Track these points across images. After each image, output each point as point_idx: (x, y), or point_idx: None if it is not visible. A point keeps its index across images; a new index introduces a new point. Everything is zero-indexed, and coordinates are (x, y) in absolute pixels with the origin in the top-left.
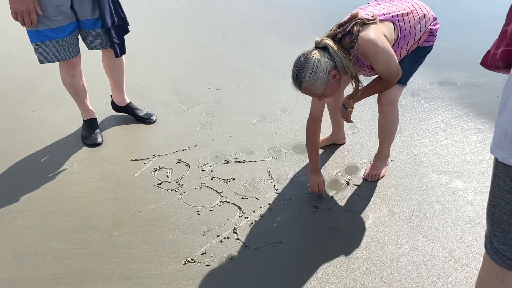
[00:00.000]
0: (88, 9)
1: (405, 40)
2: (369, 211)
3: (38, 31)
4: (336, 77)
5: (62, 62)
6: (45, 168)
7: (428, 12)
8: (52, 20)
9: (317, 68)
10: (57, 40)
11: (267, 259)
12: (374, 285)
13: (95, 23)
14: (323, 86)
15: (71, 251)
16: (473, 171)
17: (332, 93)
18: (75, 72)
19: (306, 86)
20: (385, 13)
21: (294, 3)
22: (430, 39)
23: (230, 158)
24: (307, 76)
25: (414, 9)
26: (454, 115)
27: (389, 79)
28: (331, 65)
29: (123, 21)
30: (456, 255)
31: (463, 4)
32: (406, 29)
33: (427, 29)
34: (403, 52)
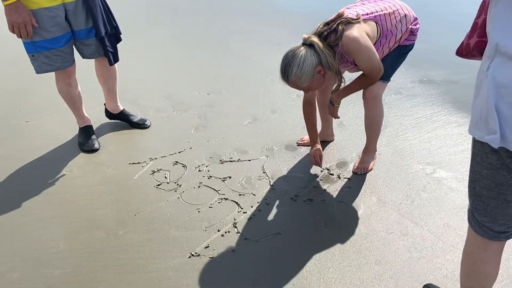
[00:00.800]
0: (82, 19)
1: (386, 38)
2: (360, 202)
3: (35, 42)
4: (321, 72)
5: (58, 72)
6: (44, 174)
7: (409, 12)
8: (48, 31)
9: (303, 64)
10: (53, 50)
11: (268, 250)
12: (369, 267)
13: (89, 32)
14: (309, 80)
15: (78, 250)
16: (455, 161)
17: (317, 87)
18: (71, 81)
19: (292, 80)
20: (368, 13)
21: (275, 9)
22: (411, 38)
23: (225, 158)
24: (294, 71)
25: (396, 9)
26: (435, 111)
27: (371, 75)
28: (316, 61)
29: (115, 30)
30: (443, 238)
31: (436, 5)
32: (388, 29)
33: (408, 28)
34: (385, 50)
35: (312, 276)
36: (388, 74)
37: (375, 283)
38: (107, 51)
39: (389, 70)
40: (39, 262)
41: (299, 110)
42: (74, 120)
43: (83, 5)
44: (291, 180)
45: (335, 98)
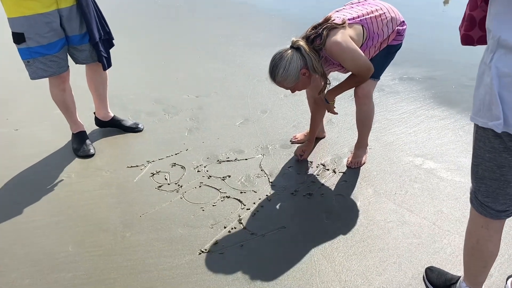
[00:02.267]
0: (76, 25)
1: (373, 41)
2: (358, 194)
3: (30, 48)
4: (305, 74)
5: (53, 78)
6: (43, 181)
7: (396, 15)
8: (43, 36)
9: (289, 66)
10: (48, 56)
11: (274, 243)
12: (373, 255)
13: (82, 38)
14: (294, 81)
15: (87, 253)
16: (441, 152)
17: (302, 88)
18: (65, 86)
19: (279, 80)
20: (355, 17)
21: (254, 13)
22: (398, 38)
23: (222, 158)
24: (280, 72)
25: (383, 13)
26: (418, 106)
27: (360, 75)
28: (302, 64)
29: (108, 36)
30: (439, 224)
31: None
32: (374, 31)
33: (394, 30)
34: (372, 51)
35: (321, 265)
36: (377, 72)
37: (380, 269)
38: (101, 56)
39: (378, 69)
40: (49, 267)
41: (288, 109)
42: (65, 126)
43: (77, 10)
44: (289, 177)
45: (328, 96)
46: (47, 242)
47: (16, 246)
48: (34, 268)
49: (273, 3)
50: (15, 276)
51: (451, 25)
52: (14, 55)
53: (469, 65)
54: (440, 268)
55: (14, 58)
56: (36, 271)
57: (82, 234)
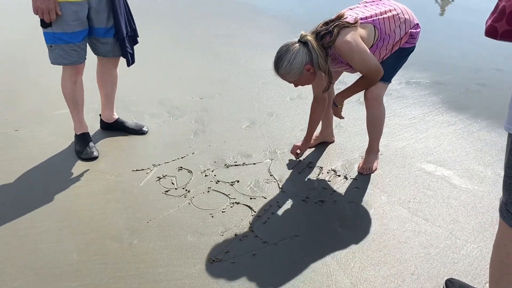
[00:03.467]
0: (103, 18)
1: (384, 42)
2: (371, 201)
3: (54, 34)
4: (310, 70)
5: (67, 68)
6: (44, 184)
7: (410, 16)
8: (68, 24)
9: (294, 60)
10: (70, 44)
11: (288, 252)
12: (390, 265)
13: (107, 32)
14: (297, 76)
15: (93, 261)
16: (453, 159)
17: (305, 83)
18: (77, 79)
19: (282, 73)
20: (367, 17)
21: (256, 13)
22: (411, 41)
23: (229, 162)
24: (284, 65)
25: (396, 14)
26: (426, 111)
27: (369, 77)
28: (307, 59)
29: (134, 32)
30: (455, 233)
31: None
32: (386, 33)
33: (407, 32)
34: (383, 52)
35: (337, 276)
36: (388, 75)
37: (399, 280)
38: (127, 52)
39: (389, 71)
40: (54, 275)
41: (295, 112)
42: (67, 128)
43: (107, 4)
44: (299, 182)
45: (338, 99)
46: (50, 249)
47: (18, 254)
48: (37, 277)
49: (277, 3)
50: (17, 285)
51: (456, 29)
52: (13, 55)
53: (475, 70)
54: (461, 280)
55: (14, 59)
56: (39, 280)
57: (87, 241)
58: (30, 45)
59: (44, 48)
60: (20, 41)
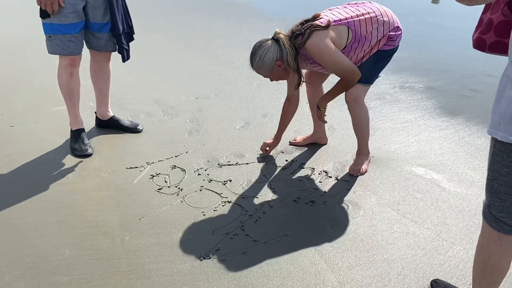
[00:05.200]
0: (99, 13)
1: (359, 43)
2: (361, 203)
3: (52, 24)
4: (281, 66)
5: (64, 58)
6: (39, 180)
7: (390, 19)
8: (66, 16)
9: (265, 56)
10: (68, 35)
11: (277, 251)
12: (377, 265)
13: (103, 27)
14: (269, 71)
15: (85, 257)
16: (443, 163)
17: (278, 78)
18: (73, 71)
19: (255, 67)
20: (342, 19)
21: (254, 15)
22: (390, 43)
23: (223, 161)
24: (256, 60)
25: (374, 16)
26: (419, 115)
27: (345, 78)
28: (278, 56)
29: (130, 29)
30: (443, 235)
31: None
32: (361, 34)
33: (386, 35)
34: (360, 54)
35: (325, 275)
36: (367, 77)
37: (386, 280)
38: (123, 48)
39: (367, 73)
40: (45, 269)
41: None
42: (62, 124)
43: (104, 1)
44: (291, 183)
45: (320, 102)
46: (43, 244)
47: (11, 248)
48: (30, 271)
49: (275, 5)
50: (9, 279)
51: (450, 34)
52: (9, 52)
53: (468, 76)
54: (445, 281)
55: (9, 53)
56: (32, 274)
57: (80, 237)
58: (26, 41)
59: (41, 45)
60: (17, 37)
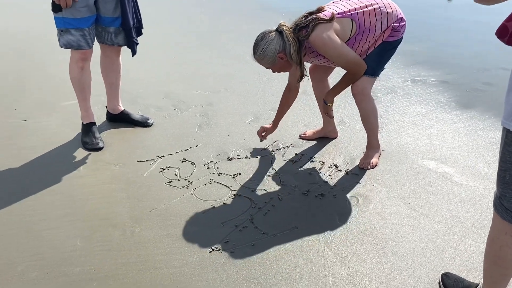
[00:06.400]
0: (110, 8)
1: (363, 35)
2: (371, 196)
3: (64, 18)
4: (283, 59)
5: (75, 52)
6: (50, 173)
7: (393, 10)
8: (78, 10)
9: (267, 48)
10: (79, 29)
11: (286, 243)
12: (387, 259)
13: (113, 21)
14: (271, 63)
15: (96, 248)
16: (455, 157)
17: (279, 70)
18: (84, 65)
19: (257, 58)
20: (345, 11)
21: (262, 9)
22: (395, 34)
23: (232, 155)
24: (258, 51)
25: (378, 7)
26: (430, 109)
27: (351, 71)
28: (280, 48)
29: (139, 24)
30: (454, 229)
31: (428, 11)
32: (365, 26)
33: (390, 26)
34: (364, 46)
35: (334, 267)
36: (373, 69)
37: (395, 273)
38: (133, 42)
39: (373, 65)
40: (57, 260)
41: (299, 108)
42: (74, 118)
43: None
44: (300, 176)
45: (327, 97)
46: (54, 235)
47: (23, 239)
48: (41, 261)
49: (283, 0)
50: (22, 269)
51: (463, 28)
52: (23, 47)
53: (481, 69)
54: (456, 275)
55: (24, 50)
56: (43, 264)
57: (91, 228)
58: (38, 35)
59: (54, 40)
60: (28, 31)
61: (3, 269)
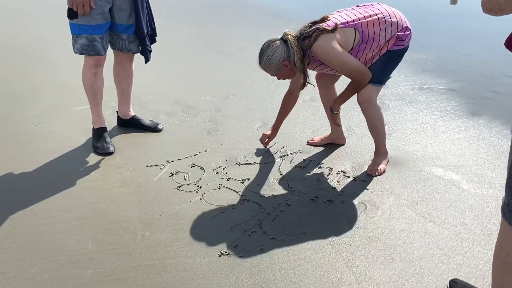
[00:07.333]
0: (125, 15)
1: (367, 44)
2: (379, 202)
3: (79, 25)
4: (288, 66)
5: (89, 58)
6: (62, 177)
7: (398, 19)
8: (93, 17)
9: (272, 56)
10: (94, 36)
11: (295, 248)
12: (395, 264)
13: (127, 28)
14: (275, 71)
15: (107, 251)
16: (462, 164)
17: (284, 77)
18: (97, 71)
19: (262, 66)
20: (349, 21)
21: (272, 17)
22: (399, 43)
23: (241, 160)
24: (264, 59)
25: (382, 17)
26: (437, 116)
27: (355, 79)
28: (285, 56)
29: (153, 32)
30: (462, 236)
31: (435, 18)
32: (369, 36)
33: (394, 35)
34: (368, 55)
35: (343, 273)
36: (378, 78)
37: (403, 279)
38: (146, 50)
39: (378, 74)
40: (69, 262)
41: (307, 114)
42: (85, 123)
43: (129, 3)
44: (309, 182)
45: (333, 105)
46: (66, 238)
47: (36, 242)
48: (54, 264)
49: (294, 8)
50: (35, 271)
51: (470, 36)
52: (36, 52)
53: (488, 77)
54: (464, 281)
55: (37, 55)
56: (56, 267)
57: (102, 232)
58: (51, 41)
59: (66, 46)
60: (43, 38)
61: (17, 271)
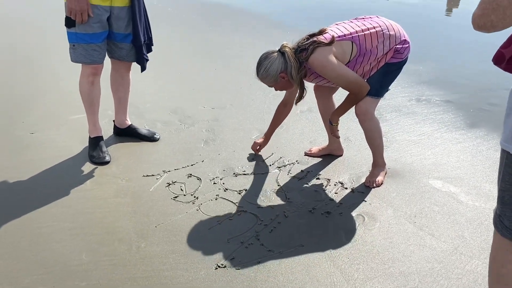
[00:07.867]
0: (122, 24)
1: (364, 57)
2: (377, 214)
3: (77, 34)
4: (285, 78)
5: (86, 67)
6: (57, 186)
7: (396, 32)
8: (91, 26)
9: (270, 67)
10: (91, 45)
11: (292, 261)
12: (394, 278)
13: (125, 37)
14: (273, 82)
15: (101, 262)
16: (460, 176)
17: (281, 89)
18: (94, 79)
19: (259, 77)
20: (346, 34)
21: (270, 26)
22: (397, 56)
23: (238, 171)
24: (261, 71)
25: (380, 30)
26: (435, 128)
27: (352, 91)
28: (282, 68)
29: (149, 41)
30: (460, 249)
31: (433, 30)
32: (366, 48)
33: (392, 48)
34: (366, 67)
35: (341, 286)
36: (376, 90)
37: None
38: (143, 59)
39: (377, 86)
40: (63, 274)
41: (304, 125)
42: (81, 131)
43: (127, 12)
44: (306, 193)
45: (332, 117)
46: (60, 248)
47: (29, 252)
48: (47, 275)
49: (293, 18)
50: (28, 282)
51: (467, 48)
52: (32, 59)
53: (486, 90)
54: None
55: (33, 62)
56: (49, 278)
57: (97, 242)
58: (47, 49)
59: (63, 53)
60: (41, 46)
61: (10, 281)
